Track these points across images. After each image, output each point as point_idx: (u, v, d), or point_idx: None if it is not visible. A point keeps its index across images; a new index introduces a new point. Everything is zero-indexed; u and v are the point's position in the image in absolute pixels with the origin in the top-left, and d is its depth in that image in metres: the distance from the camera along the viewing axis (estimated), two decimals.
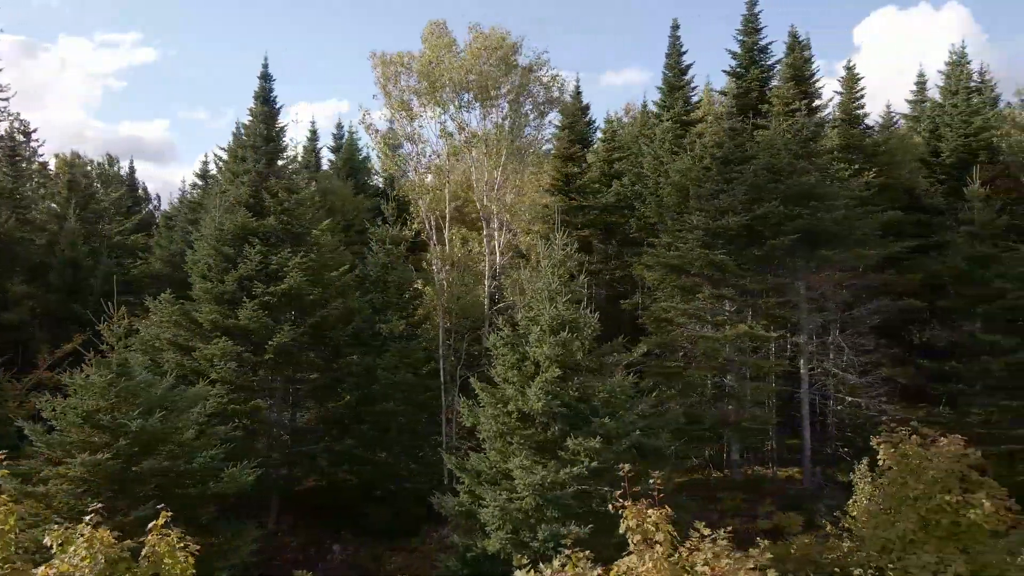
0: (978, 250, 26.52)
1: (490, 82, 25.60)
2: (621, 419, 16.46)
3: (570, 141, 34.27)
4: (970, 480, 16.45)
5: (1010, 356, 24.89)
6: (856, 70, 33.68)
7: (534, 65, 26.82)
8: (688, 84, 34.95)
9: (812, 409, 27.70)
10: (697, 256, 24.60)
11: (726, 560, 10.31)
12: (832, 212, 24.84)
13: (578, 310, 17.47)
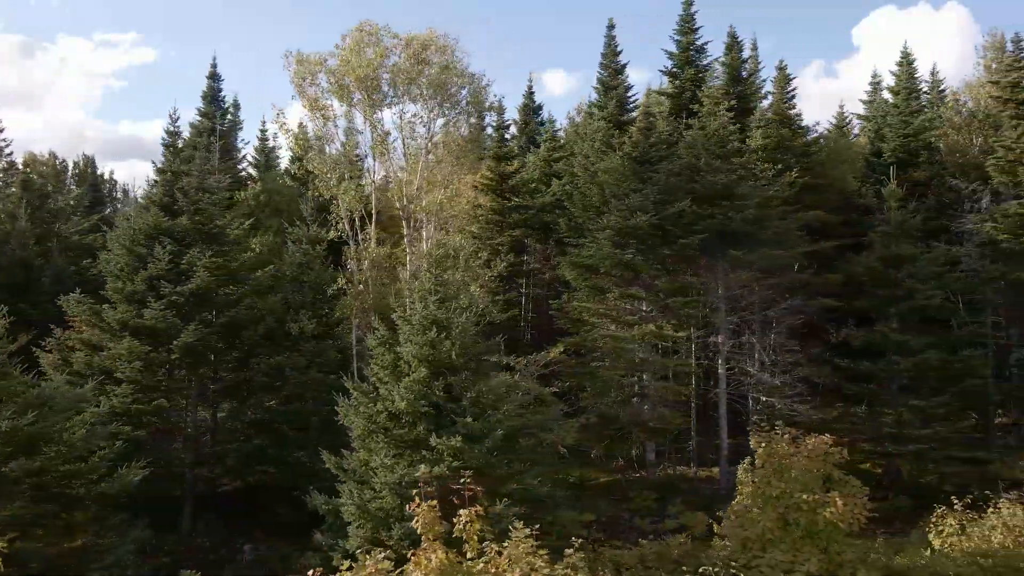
0: (892, 250, 26.60)
1: (399, 79, 25.63)
2: (486, 419, 16.46)
3: (503, 140, 34.30)
4: (833, 479, 16.55)
5: (918, 356, 24.95)
6: (788, 70, 33.74)
7: (450, 64, 26.80)
8: (623, 84, 34.97)
9: (731, 409, 27.73)
10: (607, 256, 24.62)
11: (527, 561, 10.30)
12: (742, 212, 24.87)
13: (450, 310, 17.45)
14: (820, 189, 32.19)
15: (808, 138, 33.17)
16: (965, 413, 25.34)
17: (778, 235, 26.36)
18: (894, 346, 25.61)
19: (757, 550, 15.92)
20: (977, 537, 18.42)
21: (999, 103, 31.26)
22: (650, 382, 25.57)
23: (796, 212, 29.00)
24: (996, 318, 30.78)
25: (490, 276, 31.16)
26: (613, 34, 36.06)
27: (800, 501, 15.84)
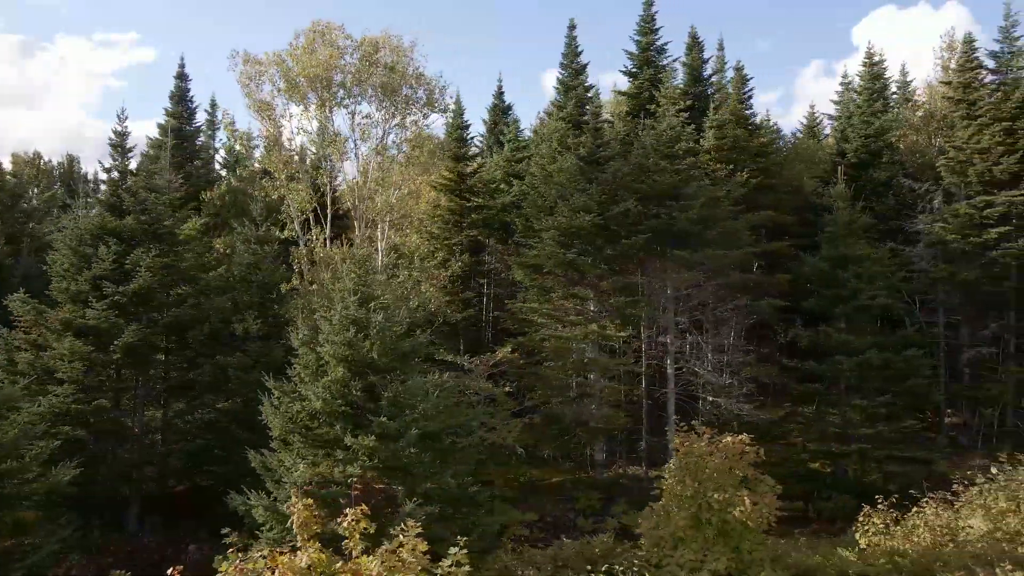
0: (838, 251, 26.65)
1: (351, 79, 25.66)
2: (402, 418, 16.48)
3: (461, 140, 34.34)
4: (749, 479, 16.62)
5: (861, 356, 24.99)
6: (744, 71, 33.78)
7: (399, 65, 26.82)
8: (582, 84, 35.00)
9: (680, 409, 27.77)
10: (550, 256, 24.66)
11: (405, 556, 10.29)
12: (686, 212, 24.92)
13: (370, 310, 17.47)
14: (776, 189, 32.28)
15: (765, 139, 33.15)
16: (908, 413, 25.42)
17: (725, 235, 26.39)
18: (838, 346, 25.67)
19: (668, 549, 16.04)
20: (900, 536, 18.55)
21: (951, 103, 31.33)
22: (594, 382, 25.59)
23: (748, 212, 29.09)
24: (955, 318, 30.89)
25: (445, 276, 31.25)
26: (574, 35, 36.13)
27: (711, 500, 15.93)
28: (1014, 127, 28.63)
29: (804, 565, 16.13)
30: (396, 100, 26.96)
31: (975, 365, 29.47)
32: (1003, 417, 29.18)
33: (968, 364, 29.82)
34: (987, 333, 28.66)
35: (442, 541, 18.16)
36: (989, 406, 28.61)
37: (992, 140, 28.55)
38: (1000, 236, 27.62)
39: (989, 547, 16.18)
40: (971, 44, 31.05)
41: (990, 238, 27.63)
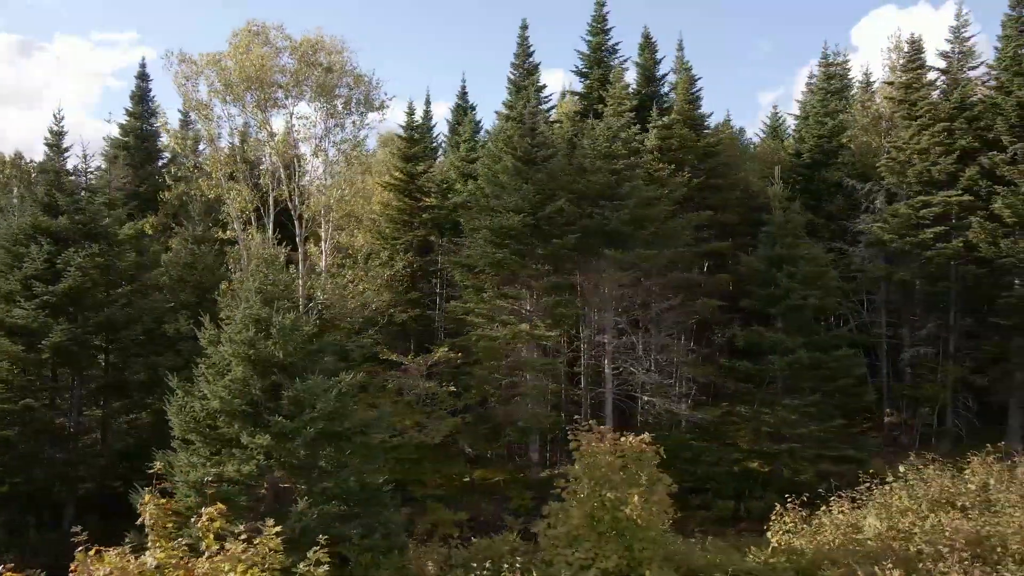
0: (774, 251, 26.73)
1: (288, 79, 25.65)
2: (300, 417, 16.50)
3: (412, 140, 34.35)
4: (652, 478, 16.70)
5: (791, 356, 25.05)
6: (693, 71, 33.82)
7: (335, 65, 26.84)
8: (532, 84, 35.03)
9: (617, 408, 27.84)
10: (481, 255, 24.70)
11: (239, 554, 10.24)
12: (618, 211, 24.96)
13: (274, 309, 17.47)
14: (722, 189, 32.33)
15: (712, 139, 33.17)
16: (840, 412, 25.49)
17: (659, 235, 26.43)
18: (770, 346, 25.73)
19: (563, 547, 16.13)
20: (808, 534, 18.68)
21: (893, 104, 31.42)
22: (528, 381, 25.62)
23: (690, 212, 29.17)
24: (896, 319, 30.98)
25: (389, 275, 31.27)
26: (526, 35, 36.14)
27: (604, 499, 16.04)
28: (952, 127, 28.70)
29: (694, 564, 16.22)
30: (334, 100, 26.97)
31: (915, 365, 29.55)
32: (943, 416, 29.26)
33: (909, 364, 29.90)
34: (925, 333, 28.72)
35: (344, 540, 18.24)
36: (927, 405, 28.68)
37: (931, 140, 28.63)
38: (936, 236, 27.69)
39: (881, 545, 16.31)
40: (914, 44, 31.11)
41: (926, 238, 27.70)
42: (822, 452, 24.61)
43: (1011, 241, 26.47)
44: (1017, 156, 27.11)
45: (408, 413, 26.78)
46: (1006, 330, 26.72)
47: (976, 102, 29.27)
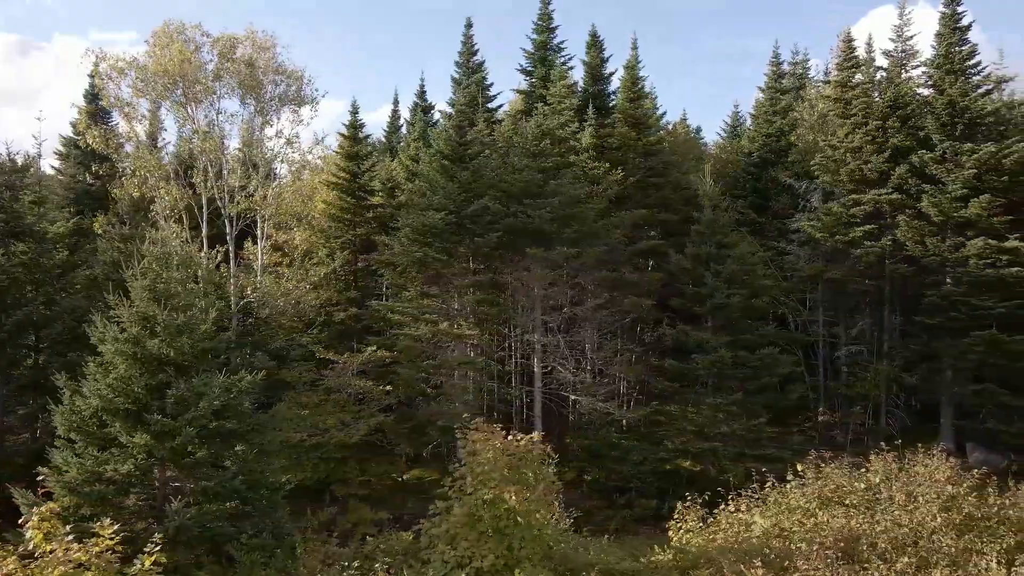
0: (701, 250, 26.67)
1: (206, 76, 25.52)
2: (183, 416, 16.38)
3: (354, 139, 34.19)
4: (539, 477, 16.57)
5: (714, 355, 24.99)
6: (637, 71, 33.68)
7: (258, 59, 26.69)
8: (475, 82, 34.93)
9: (547, 408, 27.73)
10: (401, 253, 24.59)
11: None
12: (540, 210, 24.85)
13: (163, 307, 17.34)
14: (663, 187, 32.23)
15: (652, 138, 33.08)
16: (762, 410, 25.42)
17: (588, 233, 26.32)
18: (695, 345, 25.67)
19: (444, 544, 16.05)
20: (707, 534, 18.61)
21: (830, 102, 31.37)
22: (456, 381, 25.52)
23: (626, 211, 29.09)
24: (833, 316, 30.93)
25: (326, 273, 31.14)
26: (471, 33, 36.12)
27: (483, 497, 15.94)
28: (885, 126, 28.64)
29: (573, 563, 16.13)
30: (260, 96, 26.84)
31: (850, 364, 29.51)
32: (878, 415, 29.20)
33: (845, 363, 29.86)
34: (856, 332, 28.67)
35: (232, 539, 18.06)
36: (860, 404, 28.63)
37: (864, 139, 28.57)
38: (865, 234, 27.62)
39: (760, 544, 16.23)
40: (850, 43, 31.05)
41: (856, 237, 27.63)
42: (745, 451, 24.56)
43: (937, 240, 26.42)
44: (946, 154, 27.05)
45: (336, 412, 26.67)
46: (935, 329, 26.67)
47: (910, 100, 29.21)
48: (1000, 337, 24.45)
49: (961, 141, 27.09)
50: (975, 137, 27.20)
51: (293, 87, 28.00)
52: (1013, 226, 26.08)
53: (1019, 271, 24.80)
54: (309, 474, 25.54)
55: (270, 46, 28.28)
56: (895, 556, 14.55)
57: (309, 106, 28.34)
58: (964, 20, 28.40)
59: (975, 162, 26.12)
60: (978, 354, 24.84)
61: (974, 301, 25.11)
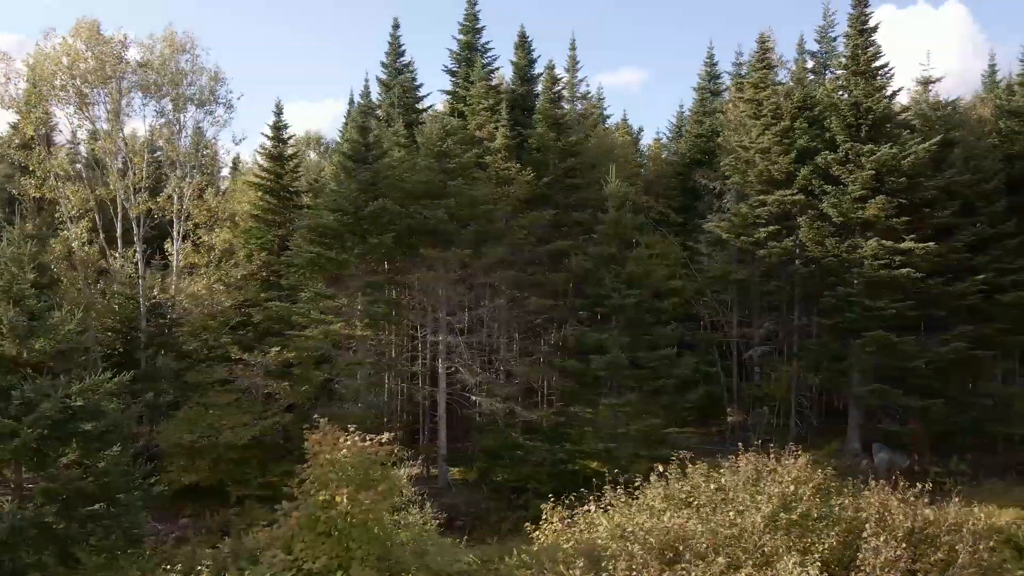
0: (604, 250, 26.71)
1: (93, 77, 25.52)
2: (24, 419, 16.40)
3: (279, 140, 34.16)
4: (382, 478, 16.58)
5: (609, 356, 25.02)
6: (556, 71, 33.74)
7: (169, 61, 26.73)
8: (399, 84, 34.94)
9: (452, 407, 27.76)
10: (297, 254, 24.62)
11: None
12: (437, 210, 24.88)
13: (10, 306, 17.34)
14: (581, 188, 32.23)
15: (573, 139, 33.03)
16: (660, 411, 25.44)
17: (488, 234, 26.35)
18: (593, 345, 25.72)
19: (277, 547, 16.03)
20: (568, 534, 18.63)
21: (742, 103, 31.45)
22: (347, 382, 25.53)
23: (535, 211, 29.15)
24: (744, 317, 31.03)
25: (244, 274, 31.16)
26: (398, 34, 36.12)
27: (319, 500, 15.96)
28: (793, 127, 28.72)
29: (407, 563, 16.13)
30: (177, 96, 26.89)
31: (761, 364, 29.59)
32: (788, 415, 29.29)
33: (758, 363, 29.94)
34: (763, 332, 28.75)
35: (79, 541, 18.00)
36: (767, 405, 28.71)
37: (772, 140, 28.65)
38: (769, 235, 27.69)
39: (605, 544, 16.25)
40: (764, 44, 31.13)
41: (761, 237, 27.69)
42: (639, 451, 24.56)
43: (835, 241, 26.50)
44: (849, 156, 27.12)
45: (238, 413, 26.65)
46: (834, 330, 26.75)
47: (818, 102, 29.29)
48: (889, 337, 24.54)
49: (865, 143, 27.15)
50: (879, 139, 27.26)
51: (207, 88, 28.10)
52: (912, 227, 26.18)
53: (910, 272, 24.89)
54: (206, 475, 25.55)
55: (180, 47, 28.34)
56: (713, 556, 14.61)
57: (223, 106, 28.46)
58: (871, 22, 28.48)
59: (874, 163, 26.19)
60: (869, 355, 24.91)
61: (867, 302, 25.20)
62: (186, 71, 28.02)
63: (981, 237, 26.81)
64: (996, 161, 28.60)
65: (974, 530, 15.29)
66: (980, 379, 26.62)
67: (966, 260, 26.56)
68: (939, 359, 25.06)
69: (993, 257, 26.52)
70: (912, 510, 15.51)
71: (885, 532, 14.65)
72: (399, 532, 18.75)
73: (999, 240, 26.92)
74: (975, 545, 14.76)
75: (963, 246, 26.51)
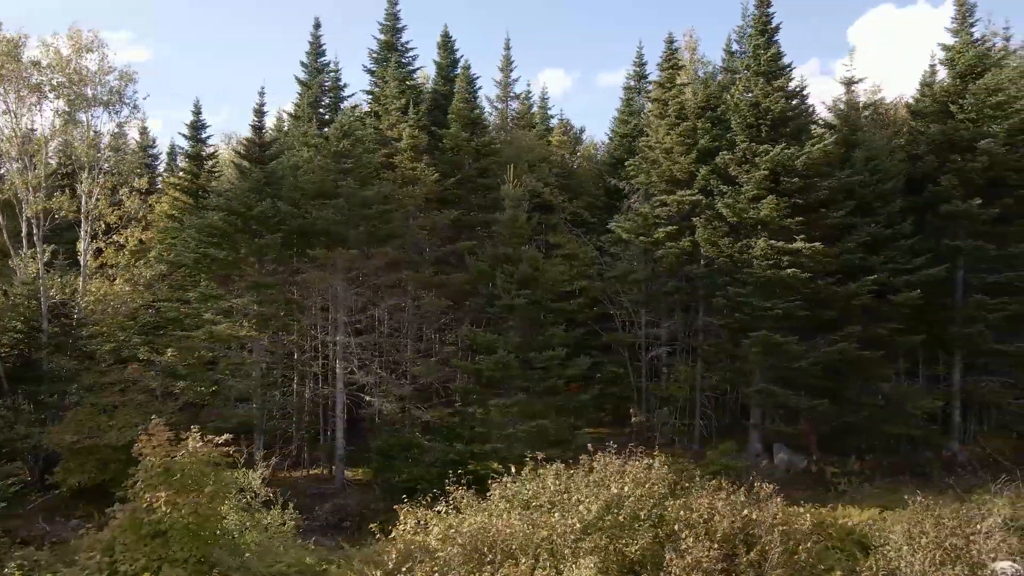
0: (498, 251, 26.66)
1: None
2: None
3: (197, 140, 34.12)
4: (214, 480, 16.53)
5: (496, 356, 24.98)
6: (472, 71, 33.68)
7: (71, 61, 26.63)
8: (317, 84, 34.88)
9: (350, 408, 27.71)
10: (180, 253, 24.55)
11: None
12: (322, 211, 24.82)
13: None
14: (492, 188, 32.20)
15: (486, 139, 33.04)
16: (550, 411, 25.38)
17: (381, 234, 26.28)
18: (484, 346, 25.68)
19: (99, 549, 15.99)
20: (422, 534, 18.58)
21: (649, 103, 31.41)
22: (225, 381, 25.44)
23: (440, 211, 29.12)
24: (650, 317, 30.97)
25: (152, 275, 31.09)
26: (319, 34, 36.04)
27: (143, 500, 15.90)
28: (696, 127, 28.69)
29: (227, 565, 16.07)
30: (77, 96, 26.81)
31: (667, 365, 29.56)
32: (693, 415, 29.27)
33: (665, 364, 29.90)
34: (665, 332, 28.72)
35: None
36: (667, 405, 28.68)
37: (675, 140, 28.61)
38: (667, 236, 27.65)
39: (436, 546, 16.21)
40: (671, 44, 31.11)
41: (659, 238, 27.65)
42: (527, 452, 24.47)
43: (730, 241, 26.46)
44: (746, 156, 27.09)
45: (128, 414, 26.56)
46: (726, 330, 26.73)
47: (720, 102, 29.26)
48: (775, 337, 24.51)
49: (764, 143, 27.11)
50: (779, 139, 27.21)
51: (116, 88, 28.01)
52: (808, 227, 26.15)
53: (796, 272, 24.86)
54: (94, 475, 25.45)
55: (83, 48, 28.20)
56: (523, 558, 14.60)
57: (128, 107, 28.39)
58: (773, 22, 28.44)
59: (768, 163, 26.16)
60: (757, 355, 24.88)
61: (756, 302, 25.17)
62: (92, 71, 27.92)
63: (878, 237, 26.77)
64: (898, 162, 28.60)
65: (792, 530, 15.30)
66: (873, 379, 26.57)
67: (861, 260, 26.54)
68: (827, 359, 25.04)
69: (887, 257, 26.48)
70: (734, 511, 15.51)
71: (693, 533, 14.64)
72: (245, 534, 18.73)
73: (895, 240, 26.90)
74: (788, 545, 14.76)
75: (857, 246, 26.47)
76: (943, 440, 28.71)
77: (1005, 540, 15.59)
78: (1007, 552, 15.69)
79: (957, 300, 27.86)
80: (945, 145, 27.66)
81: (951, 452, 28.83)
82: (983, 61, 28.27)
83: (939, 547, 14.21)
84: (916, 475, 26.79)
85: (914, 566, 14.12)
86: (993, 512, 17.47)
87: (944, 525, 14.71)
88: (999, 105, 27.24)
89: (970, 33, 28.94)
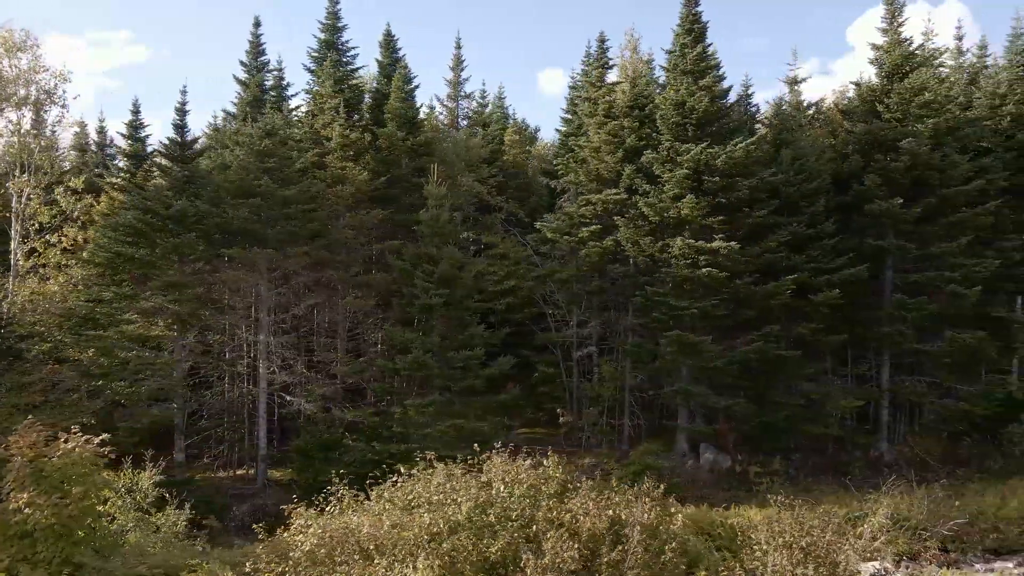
0: (421, 250, 26.59)
1: None
2: None
3: (135, 140, 34.02)
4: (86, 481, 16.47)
5: (412, 355, 24.92)
6: (409, 70, 33.61)
7: None
8: (257, 83, 34.76)
9: (274, 408, 27.63)
10: (95, 251, 24.51)
11: None
12: (238, 210, 24.73)
13: None
14: None
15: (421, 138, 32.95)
16: (469, 411, 25.33)
17: (296, 234, 26.19)
18: (402, 345, 25.60)
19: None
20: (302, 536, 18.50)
21: (580, 101, 31.36)
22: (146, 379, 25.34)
23: (367, 212, 29.06)
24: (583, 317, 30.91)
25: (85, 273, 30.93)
26: (259, 32, 35.96)
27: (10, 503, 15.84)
28: (623, 126, 28.64)
29: (89, 566, 16.00)
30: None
31: (596, 364, 29.51)
32: (620, 414, 29.22)
33: (596, 364, 29.85)
34: (589, 332, 28.66)
35: None
36: (595, 405, 28.63)
37: (602, 139, 28.56)
38: (591, 235, 27.59)
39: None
40: (602, 43, 31.05)
41: (583, 237, 27.60)
42: (444, 453, 24.40)
43: (650, 240, 26.41)
44: (670, 155, 27.03)
45: (55, 414, 26.45)
46: (651, 329, 26.68)
47: (647, 101, 29.21)
48: (688, 337, 24.47)
49: (688, 142, 27.06)
50: (705, 138, 27.18)
51: (50, 87, 27.91)
52: (729, 227, 26.11)
53: (712, 271, 24.82)
54: None
55: (16, 45, 28.07)
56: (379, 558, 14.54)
57: (58, 106, 28.32)
58: (701, 20, 28.39)
59: (689, 162, 26.12)
60: (672, 354, 24.83)
61: (671, 301, 25.12)
62: (23, 70, 27.81)
63: (800, 237, 26.75)
64: (827, 161, 28.59)
65: (660, 530, 15.26)
66: (794, 379, 26.56)
67: (785, 260, 26.51)
68: (744, 359, 25.01)
69: (810, 257, 26.47)
70: (601, 511, 15.46)
71: (558, 533, 14.58)
72: (127, 536, 18.65)
73: (819, 239, 26.88)
74: (652, 544, 14.73)
75: (779, 245, 26.44)
76: (871, 440, 28.72)
77: (876, 539, 15.56)
78: (875, 552, 15.67)
79: (885, 300, 27.86)
80: (870, 144, 27.66)
81: (879, 452, 28.84)
82: (909, 61, 28.27)
83: (794, 547, 14.20)
84: (839, 475, 26.78)
85: (769, 566, 14.10)
86: (878, 512, 17.46)
87: (802, 525, 14.70)
88: (925, 104, 27.26)
89: (898, 32, 28.95)
